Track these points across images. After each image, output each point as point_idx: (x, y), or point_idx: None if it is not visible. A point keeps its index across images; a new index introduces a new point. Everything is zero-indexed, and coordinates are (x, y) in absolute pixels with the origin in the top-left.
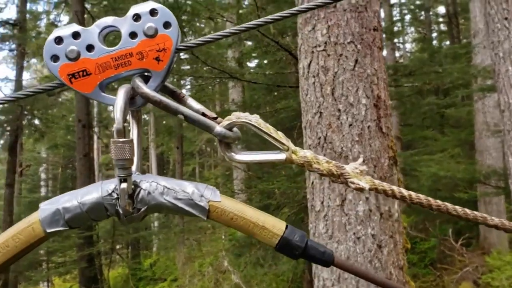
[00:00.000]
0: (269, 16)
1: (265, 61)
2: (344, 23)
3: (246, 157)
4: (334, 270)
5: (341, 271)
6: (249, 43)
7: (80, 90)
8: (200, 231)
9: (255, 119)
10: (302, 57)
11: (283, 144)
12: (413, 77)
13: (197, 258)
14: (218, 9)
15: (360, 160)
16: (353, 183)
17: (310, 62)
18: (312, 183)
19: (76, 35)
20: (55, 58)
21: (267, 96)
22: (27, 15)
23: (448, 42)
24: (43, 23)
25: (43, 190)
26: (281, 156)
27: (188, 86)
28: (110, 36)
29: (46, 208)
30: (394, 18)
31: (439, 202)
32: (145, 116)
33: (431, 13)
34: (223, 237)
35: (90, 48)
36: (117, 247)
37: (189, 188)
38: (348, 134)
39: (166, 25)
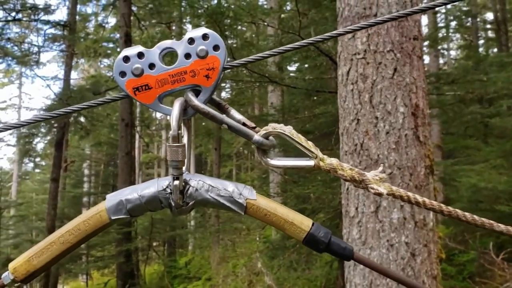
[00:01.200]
0: (320, 36)
1: (306, 66)
2: (384, 31)
3: (280, 162)
4: (366, 276)
5: (373, 277)
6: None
7: (142, 101)
8: (235, 231)
9: (288, 130)
10: (341, 64)
11: (312, 152)
12: (456, 85)
13: (231, 259)
14: (260, 14)
15: (381, 168)
16: (372, 188)
17: (349, 69)
18: (347, 189)
19: (140, 55)
20: (122, 74)
21: (306, 100)
22: (77, 17)
23: (495, 50)
24: (91, 24)
25: (85, 186)
26: (310, 162)
27: (228, 89)
28: (167, 56)
29: (112, 199)
30: (439, 25)
31: (451, 208)
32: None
33: (478, 19)
34: (257, 238)
35: (151, 66)
36: (154, 244)
37: (230, 187)
38: (384, 141)
39: (216, 47)
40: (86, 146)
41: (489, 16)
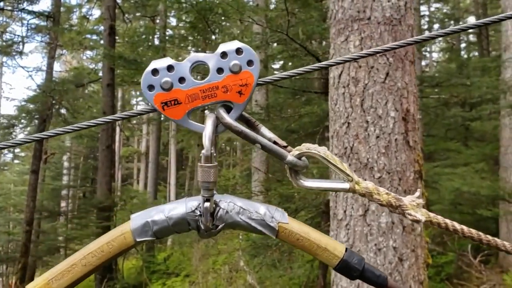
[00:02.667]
0: (344, 57)
1: (290, 64)
2: (377, 35)
3: (313, 184)
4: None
5: (359, 281)
6: (276, 45)
7: (170, 116)
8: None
9: (323, 151)
10: (333, 67)
11: (348, 175)
12: (439, 88)
13: (212, 256)
14: (248, 11)
15: (418, 193)
16: (410, 214)
17: (341, 72)
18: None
19: (170, 68)
20: (150, 87)
21: (290, 100)
22: (61, 8)
23: (476, 53)
24: (75, 16)
25: (65, 178)
26: (345, 185)
27: None
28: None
29: (137, 219)
30: (422, 27)
31: (489, 237)
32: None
33: (460, 23)
34: (240, 236)
35: (182, 80)
36: None
37: (262, 209)
38: (374, 146)
39: (249, 63)
40: (67, 138)
41: (471, 20)
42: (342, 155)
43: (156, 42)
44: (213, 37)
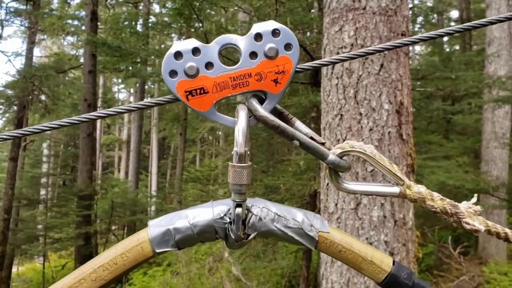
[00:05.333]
0: (372, 47)
1: None
2: (372, 26)
3: (358, 187)
4: (343, 273)
5: (350, 275)
6: None
7: (196, 108)
8: None
9: (369, 150)
10: (326, 57)
11: (398, 178)
12: (424, 82)
13: (194, 247)
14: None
15: (474, 199)
16: (467, 223)
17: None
18: (327, 184)
19: (195, 51)
20: (173, 73)
21: None
22: None
23: (458, 47)
24: (56, 0)
25: (45, 166)
26: (395, 190)
27: None
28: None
29: (156, 226)
30: None
31: None
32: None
33: (444, 16)
34: None
35: (209, 65)
36: (113, 228)
37: (299, 216)
38: (367, 138)
39: (287, 46)
40: None
41: (455, 14)
42: None
43: (139, 29)
44: (197, 24)
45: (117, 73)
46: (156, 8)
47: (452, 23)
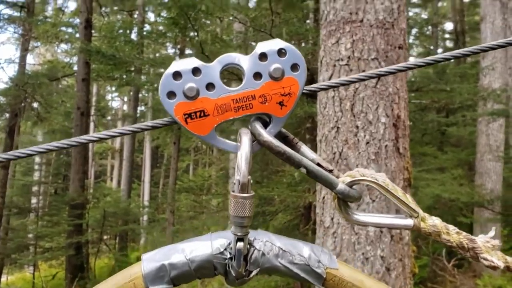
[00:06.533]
0: (385, 68)
1: None
2: (369, 38)
3: (369, 219)
4: None
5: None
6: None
7: (195, 132)
8: (195, 232)
9: (382, 179)
10: (323, 69)
11: (412, 210)
12: (419, 94)
13: None
14: (231, 9)
15: (492, 233)
16: (485, 259)
17: (331, 75)
18: (323, 197)
19: (196, 71)
20: (171, 94)
21: None
22: None
23: (452, 60)
24: (50, 7)
25: (36, 174)
26: (408, 222)
27: None
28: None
29: (150, 261)
30: None
31: None
32: (142, 108)
33: (438, 28)
34: None
35: (210, 86)
36: (105, 237)
37: (306, 251)
38: (364, 152)
39: (294, 67)
40: (39, 133)
41: (449, 26)
42: (330, 160)
43: (134, 37)
44: (192, 33)
45: (111, 81)
46: (151, 16)
47: (446, 35)
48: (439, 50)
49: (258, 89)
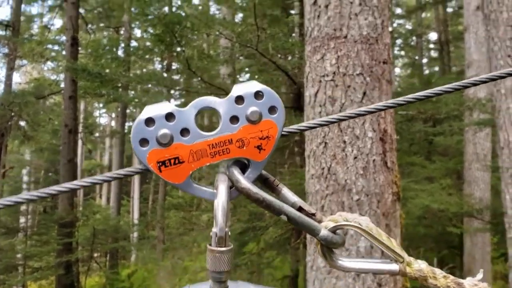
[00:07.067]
0: (386, 102)
1: (256, 77)
2: (354, 54)
3: (354, 264)
4: None
5: None
6: (243, 59)
7: (169, 180)
8: (184, 247)
9: (365, 223)
10: (309, 85)
11: (397, 254)
12: (405, 105)
13: (179, 275)
14: (217, 25)
15: (480, 275)
16: None
17: (317, 91)
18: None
19: (169, 117)
20: (143, 142)
21: None
22: (21, 17)
23: (437, 68)
24: (36, 25)
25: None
26: (394, 267)
27: (178, 97)
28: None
29: None
30: None
31: None
32: (130, 124)
33: (422, 39)
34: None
35: (184, 132)
36: (95, 255)
37: None
38: (352, 166)
39: (272, 109)
40: (26, 151)
41: (433, 36)
42: (319, 176)
43: (121, 53)
44: (179, 49)
45: (98, 98)
46: (137, 32)
47: (431, 45)
48: (424, 60)
49: (235, 133)
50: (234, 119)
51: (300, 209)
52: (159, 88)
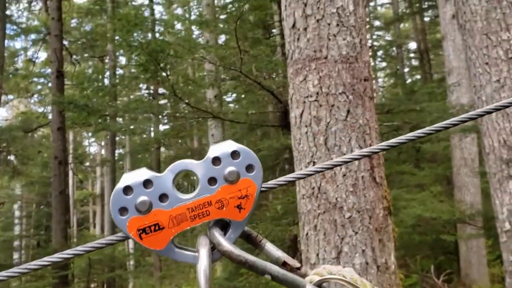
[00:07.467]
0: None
1: (244, 97)
2: (335, 74)
3: None
4: None
5: None
6: (229, 81)
7: (151, 247)
8: (182, 275)
9: (350, 275)
10: (293, 106)
11: None
12: (391, 115)
13: None
14: (200, 50)
15: None
16: None
17: (302, 112)
18: (307, 234)
19: (147, 184)
20: (123, 210)
21: (248, 135)
22: (5, 52)
23: (419, 76)
24: (20, 59)
25: (17, 228)
26: None
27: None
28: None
29: None
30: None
31: None
32: (120, 151)
33: (403, 49)
34: None
35: (163, 197)
36: (92, 286)
37: None
38: (342, 184)
39: (249, 168)
40: (17, 186)
41: (413, 45)
42: (310, 195)
43: (107, 82)
44: (164, 74)
45: (86, 127)
46: (122, 60)
47: (411, 54)
48: (406, 70)
49: (214, 195)
50: (212, 180)
51: (284, 263)
52: (147, 115)
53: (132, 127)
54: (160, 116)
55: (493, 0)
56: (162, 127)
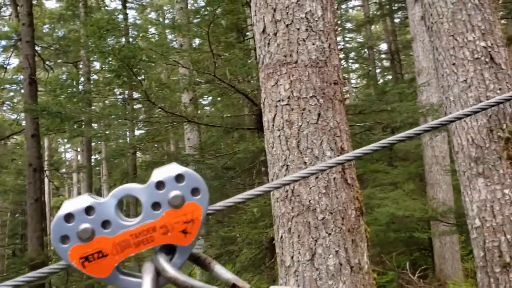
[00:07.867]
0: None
1: (219, 100)
2: (306, 78)
3: None
4: None
5: None
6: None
7: (94, 274)
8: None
9: None
10: (266, 110)
11: None
12: (363, 116)
13: None
14: (173, 55)
15: None
16: None
17: (275, 115)
18: (281, 237)
19: (89, 210)
20: (64, 238)
21: (224, 138)
22: None
23: (390, 77)
24: None
25: None
26: None
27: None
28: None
29: None
30: (340, 56)
31: None
32: (96, 157)
33: (374, 50)
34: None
35: (106, 224)
36: None
37: None
38: (315, 186)
39: (195, 191)
40: None
41: (384, 46)
42: (284, 198)
43: (82, 87)
44: (138, 79)
45: (61, 134)
46: (96, 65)
47: (383, 55)
48: (378, 70)
49: (158, 220)
50: (156, 205)
51: (234, 286)
52: (121, 120)
53: (107, 132)
54: (134, 122)
55: (458, 2)
56: (137, 132)
